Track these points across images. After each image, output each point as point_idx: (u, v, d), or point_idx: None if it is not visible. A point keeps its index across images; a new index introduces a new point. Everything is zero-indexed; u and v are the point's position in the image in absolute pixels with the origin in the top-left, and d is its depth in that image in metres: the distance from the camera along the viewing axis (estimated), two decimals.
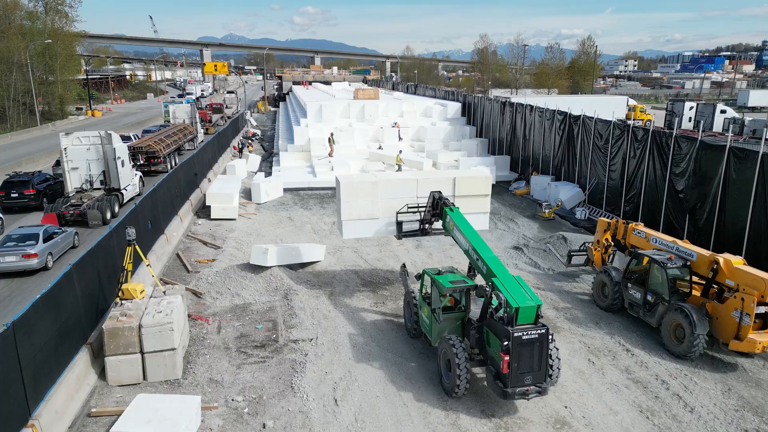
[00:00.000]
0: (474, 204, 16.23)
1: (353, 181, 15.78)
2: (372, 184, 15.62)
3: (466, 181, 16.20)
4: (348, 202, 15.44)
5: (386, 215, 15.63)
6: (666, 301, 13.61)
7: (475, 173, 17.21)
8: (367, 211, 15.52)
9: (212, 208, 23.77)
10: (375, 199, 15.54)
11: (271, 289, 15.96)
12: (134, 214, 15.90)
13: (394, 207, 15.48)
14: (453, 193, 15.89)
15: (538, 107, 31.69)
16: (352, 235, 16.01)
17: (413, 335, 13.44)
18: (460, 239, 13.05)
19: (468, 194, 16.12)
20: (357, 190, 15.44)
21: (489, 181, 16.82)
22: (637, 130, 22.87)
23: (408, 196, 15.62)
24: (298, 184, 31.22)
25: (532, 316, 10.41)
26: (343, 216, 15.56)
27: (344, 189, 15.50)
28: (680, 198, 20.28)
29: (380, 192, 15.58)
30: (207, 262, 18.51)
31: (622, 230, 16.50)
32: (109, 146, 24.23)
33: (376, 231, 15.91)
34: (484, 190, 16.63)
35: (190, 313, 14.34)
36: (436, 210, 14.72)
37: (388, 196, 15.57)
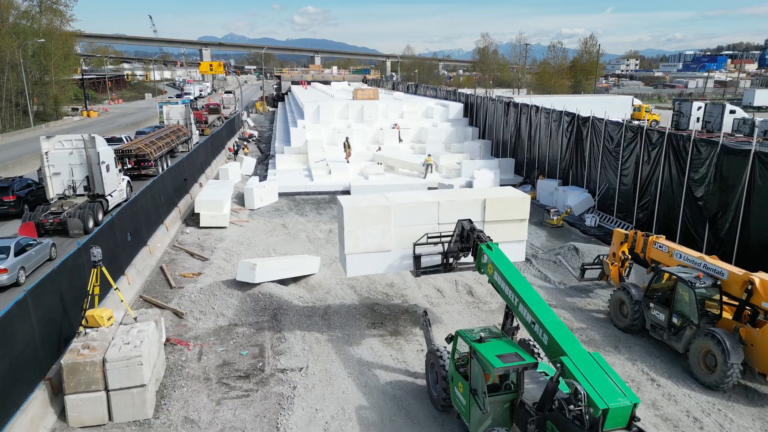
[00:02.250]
0: (508, 231, 13.53)
1: (359, 206, 12.72)
2: (383, 208, 12.67)
3: (498, 204, 13.41)
4: (353, 231, 12.58)
5: (400, 246, 12.91)
6: (694, 325, 12.30)
7: (509, 193, 14.09)
8: (376, 242, 12.74)
9: (201, 215, 22.46)
10: (387, 227, 12.70)
11: (259, 308, 14.64)
12: (110, 226, 14.59)
13: (410, 237, 12.78)
14: (482, 217, 13.25)
15: (544, 108, 30.37)
16: (358, 271, 13.24)
17: (441, 408, 10.54)
18: (505, 290, 10.06)
19: (501, 219, 13.41)
20: (364, 216, 12.57)
21: (526, 202, 13.82)
22: (651, 133, 21.55)
23: (427, 222, 12.97)
24: (294, 188, 29.91)
25: (624, 420, 7.58)
26: (346, 248, 12.74)
27: (348, 215, 12.53)
28: (699, 206, 18.96)
29: (393, 218, 12.75)
30: (192, 276, 17.20)
31: (641, 243, 15.17)
32: (93, 150, 22.91)
33: (388, 266, 13.12)
34: (520, 214, 13.76)
35: (169, 337, 13.03)
36: (466, 243, 12.00)
37: (403, 223, 12.85)
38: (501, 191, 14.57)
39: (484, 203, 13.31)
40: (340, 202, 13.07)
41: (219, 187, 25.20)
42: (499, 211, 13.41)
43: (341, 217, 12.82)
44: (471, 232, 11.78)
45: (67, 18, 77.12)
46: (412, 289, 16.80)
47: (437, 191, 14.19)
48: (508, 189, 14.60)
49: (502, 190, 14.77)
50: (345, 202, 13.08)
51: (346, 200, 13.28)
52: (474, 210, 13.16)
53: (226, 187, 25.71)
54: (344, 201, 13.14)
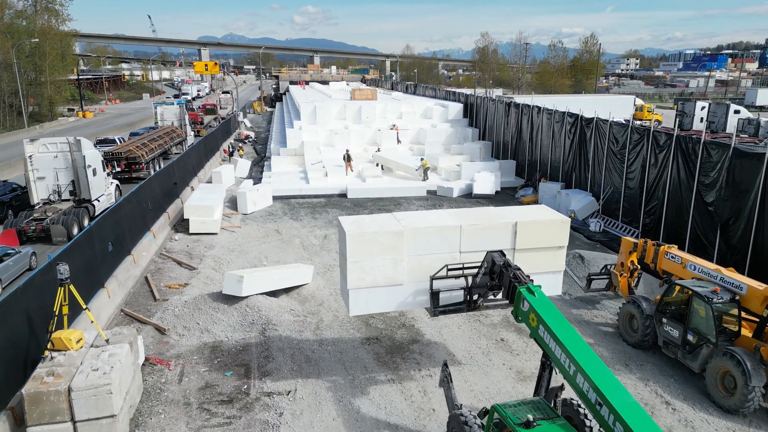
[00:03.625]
0: (542, 260, 11.51)
1: (365, 231, 10.53)
2: (394, 234, 10.56)
3: (532, 228, 11.32)
4: (357, 262, 10.49)
5: (415, 279, 10.91)
6: (712, 344, 11.46)
7: (544, 214, 11.93)
8: (386, 275, 10.69)
9: (191, 221, 21.60)
10: (399, 257, 10.68)
11: (247, 323, 13.79)
12: (88, 236, 13.73)
13: (426, 268, 10.81)
14: (512, 244, 11.25)
15: (546, 108, 29.53)
16: (363, 309, 11.08)
17: None
18: (554, 351, 7.81)
19: (535, 246, 11.36)
20: (371, 244, 10.48)
21: (566, 227, 11.69)
22: (659, 135, 20.70)
23: (447, 250, 10.97)
24: (289, 191, 29.08)
25: None
26: (349, 282, 10.57)
27: (352, 243, 10.41)
28: (710, 211, 18.12)
29: (407, 246, 10.69)
30: (178, 287, 16.35)
31: (651, 253, 14.32)
32: (78, 153, 22.07)
33: (400, 303, 11.10)
34: (558, 240, 11.62)
35: (149, 356, 12.18)
36: (497, 281, 9.89)
37: (419, 252, 10.81)
38: (534, 212, 12.15)
39: (515, 228, 11.17)
40: (342, 225, 10.85)
41: (210, 192, 24.34)
42: (533, 237, 11.30)
43: (343, 244, 10.65)
44: (505, 268, 9.54)
45: (62, 17, 76.34)
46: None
47: (458, 211, 12.07)
48: (542, 209, 12.41)
49: (535, 212, 12.29)
50: (348, 225, 10.75)
51: (349, 223, 10.91)
52: (503, 236, 11.15)
53: (217, 191, 24.85)
54: (347, 224, 10.83)
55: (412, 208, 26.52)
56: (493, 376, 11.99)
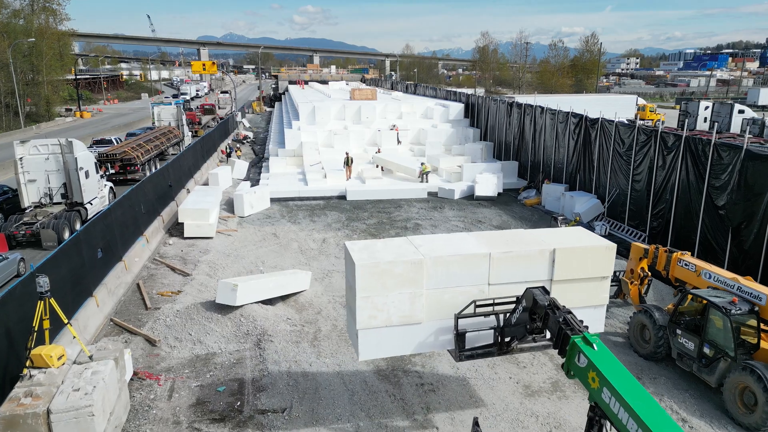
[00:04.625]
0: (584, 292, 10.04)
1: (378, 261, 8.93)
2: (412, 264, 9.01)
3: (573, 256, 9.77)
4: (368, 297, 8.95)
5: (436, 317, 9.37)
6: (730, 357, 10.88)
7: (586, 239, 10.44)
8: (402, 312, 9.14)
9: (185, 225, 21.01)
10: (417, 291, 9.12)
11: (241, 333, 13.21)
12: (75, 243, 13.15)
13: (449, 304, 9.31)
14: (550, 275, 9.76)
15: (549, 109, 28.96)
16: (375, 353, 9.53)
17: None
18: (623, 420, 6.56)
19: (575, 277, 9.89)
20: (385, 276, 8.90)
21: (611, 254, 10.19)
22: (666, 136, 20.13)
23: (474, 282, 9.43)
24: (287, 193, 28.49)
25: None
26: (359, 321, 9.04)
27: (363, 275, 8.85)
28: (720, 215, 17.54)
29: (427, 278, 9.13)
30: (171, 294, 15.76)
31: (663, 260, 13.74)
32: (70, 155, 21.48)
33: (418, 345, 9.53)
34: (602, 269, 10.11)
35: (138, 370, 11.60)
36: (540, 324, 8.49)
37: (440, 284, 9.25)
38: (574, 237, 10.55)
39: (553, 255, 9.68)
40: (349, 253, 9.17)
41: (206, 194, 23.74)
42: (573, 267, 9.82)
43: (351, 275, 9.08)
44: (551, 310, 8.08)
45: (60, 16, 75.75)
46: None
47: (486, 235, 10.64)
48: (581, 233, 10.88)
49: (575, 236, 10.64)
50: (357, 254, 9.09)
51: (358, 251, 9.24)
52: (539, 265, 9.69)
53: (213, 194, 24.25)
54: (356, 252, 9.17)
55: (412, 210, 25.96)
56: (499, 391, 11.42)
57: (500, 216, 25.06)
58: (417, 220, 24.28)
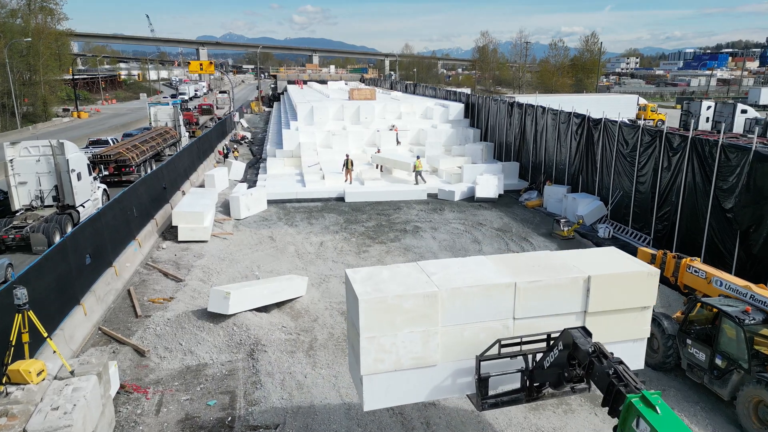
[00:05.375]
0: (621, 325, 8.77)
1: (385, 296, 7.61)
2: (425, 298, 7.72)
3: (610, 284, 8.46)
4: (374, 338, 7.64)
5: (453, 358, 8.10)
6: (743, 369, 10.41)
7: (624, 264, 9.03)
8: (413, 354, 7.87)
9: (179, 229, 20.53)
10: (431, 328, 7.84)
11: (234, 343, 12.73)
12: (61, 249, 12.66)
13: (469, 342, 8.06)
14: (583, 306, 8.46)
15: (551, 109, 28.49)
16: (383, 401, 8.16)
17: None
18: None
19: (613, 308, 8.61)
20: (393, 312, 7.62)
21: (653, 280, 8.79)
22: (672, 137, 19.66)
23: (497, 317, 8.17)
24: (285, 195, 28.00)
25: None
26: (363, 366, 7.74)
27: (367, 312, 7.55)
28: (728, 218, 17.07)
29: (442, 312, 7.85)
30: (162, 301, 15.28)
31: (671, 266, 13.28)
32: (62, 157, 21.02)
33: (433, 390, 8.21)
34: (643, 298, 8.76)
35: (125, 383, 11.12)
36: (583, 373, 7.34)
37: (458, 320, 7.98)
38: (610, 261, 9.13)
39: (588, 284, 8.35)
40: (351, 284, 7.91)
41: (201, 197, 23.25)
42: (611, 296, 8.54)
43: (354, 312, 7.82)
44: (598, 359, 6.95)
45: (57, 16, 75.26)
46: None
47: (507, 259, 9.32)
48: (617, 255, 9.48)
49: (610, 260, 9.22)
50: (360, 285, 7.82)
51: (360, 282, 7.95)
52: (571, 295, 8.40)
53: (208, 196, 23.77)
54: (358, 283, 7.91)
55: (412, 212, 25.49)
56: None
57: (501, 218, 24.60)
58: (416, 223, 23.82)
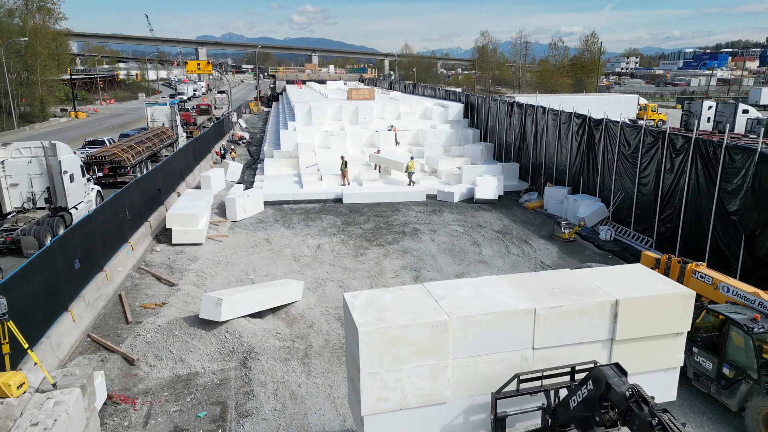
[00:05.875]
0: (652, 353, 7.88)
1: (388, 326, 6.75)
2: (434, 328, 6.87)
3: (640, 308, 7.60)
4: (376, 373, 6.82)
5: (465, 393, 7.26)
6: (752, 379, 10.05)
7: (656, 285, 8.03)
8: (420, 390, 7.03)
9: (173, 231, 20.16)
10: (441, 362, 7.01)
11: (226, 351, 12.36)
12: (48, 254, 12.29)
13: (482, 376, 7.22)
14: (610, 333, 7.58)
15: (551, 109, 28.13)
16: None
17: None
18: None
19: (644, 335, 7.73)
20: (398, 344, 6.77)
21: (689, 303, 7.89)
22: (675, 138, 19.30)
23: (514, 347, 7.32)
24: (282, 196, 27.64)
25: None
26: (365, 405, 6.93)
27: (368, 345, 6.71)
28: (733, 221, 16.72)
29: (453, 343, 7.01)
30: (154, 307, 14.91)
31: (676, 271, 12.92)
32: (54, 158, 20.65)
33: (442, 430, 7.33)
34: (677, 323, 7.89)
35: (112, 393, 10.76)
36: (615, 414, 6.52)
37: (471, 351, 7.12)
38: (637, 281, 8.14)
39: (616, 308, 7.45)
40: (350, 312, 7.06)
41: (196, 199, 22.87)
42: (641, 322, 7.62)
43: (353, 343, 6.94)
44: (637, 404, 6.19)
45: (55, 15, 74.87)
46: None
47: (523, 279, 8.31)
48: (644, 274, 8.48)
49: (637, 279, 8.24)
50: (360, 314, 6.96)
51: (360, 309, 7.07)
52: (597, 321, 7.47)
53: (203, 198, 23.38)
54: (358, 311, 7.04)
55: (410, 214, 25.13)
56: None
57: (501, 220, 24.24)
58: (415, 225, 23.46)
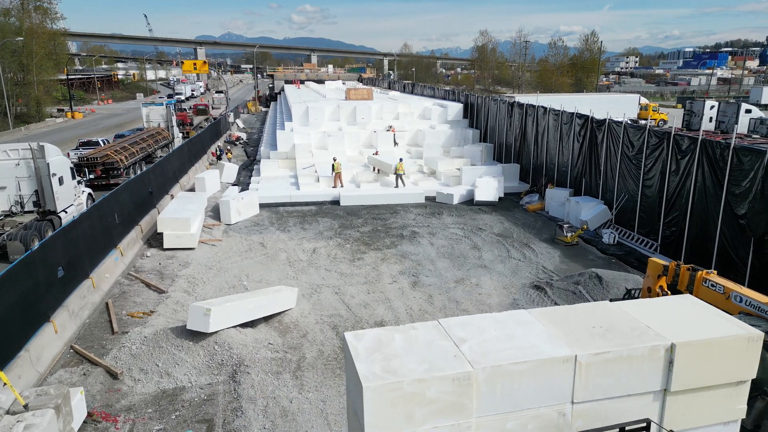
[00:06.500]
0: (712, 403, 6.29)
1: (399, 381, 4.91)
2: (455, 382, 5.14)
3: (701, 354, 5.83)
4: None
5: None
6: None
7: (715, 325, 6.13)
8: None
9: (165, 236, 19.60)
10: (463, 421, 5.30)
11: (215, 364, 11.81)
12: (27, 264, 11.72)
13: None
14: (665, 384, 5.90)
15: (552, 109, 27.59)
16: None
17: None
18: None
19: (704, 385, 6.07)
20: (411, 401, 5.02)
21: (755, 347, 5.97)
22: (680, 139, 18.77)
23: (550, 402, 5.75)
24: (278, 198, 27.09)
25: None
26: None
27: (375, 401, 4.90)
28: (741, 225, 16.19)
29: (478, 399, 5.30)
30: (142, 315, 14.36)
31: (685, 279, 12.36)
32: (42, 161, 20.09)
33: None
34: (741, 370, 6.08)
35: (93, 411, 10.21)
36: None
37: (499, 407, 5.45)
38: (693, 317, 6.60)
39: (671, 354, 5.91)
40: (350, 354, 5.38)
41: (188, 202, 22.31)
42: (700, 370, 6.12)
43: (356, 399, 5.36)
44: None
45: (51, 14, 74.32)
46: None
47: (558, 316, 6.53)
48: (700, 309, 6.82)
49: (693, 314, 6.66)
50: (364, 362, 5.27)
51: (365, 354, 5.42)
52: (649, 369, 5.97)
53: (197, 201, 22.82)
54: (362, 357, 5.38)
55: (409, 217, 24.59)
56: None
57: (501, 223, 23.71)
58: (414, 228, 22.92)
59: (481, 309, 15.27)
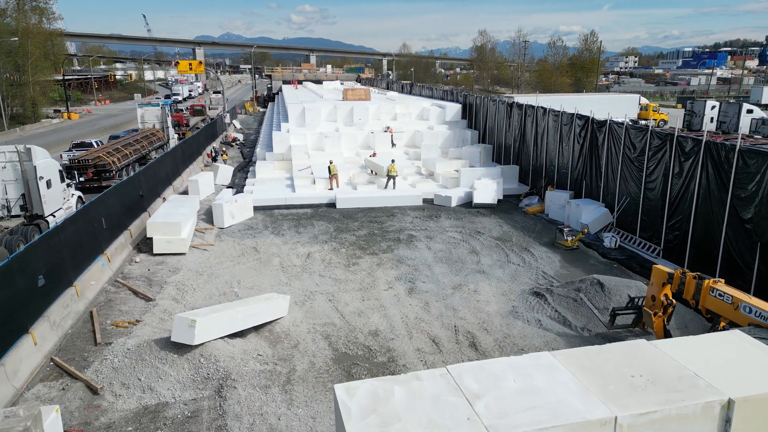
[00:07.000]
0: None
1: None
2: None
3: (760, 411, 5.18)
4: None
5: None
6: None
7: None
8: None
9: (154, 240, 19.09)
10: None
11: (200, 377, 11.30)
12: (5, 272, 11.19)
13: None
14: None
15: (552, 110, 27.09)
16: None
17: None
18: None
19: None
20: None
21: None
22: (684, 141, 18.26)
23: None
24: (273, 201, 26.57)
25: None
26: None
27: None
28: (747, 229, 15.69)
29: None
30: (127, 325, 13.84)
31: (691, 288, 11.88)
32: (29, 163, 19.60)
33: None
34: None
35: (69, 429, 9.70)
36: None
37: None
38: (746, 362, 5.86)
39: (728, 411, 5.12)
40: (341, 414, 4.93)
41: (180, 205, 21.78)
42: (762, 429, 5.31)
43: None
44: None
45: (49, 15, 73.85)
46: (401, 340, 13.53)
47: (589, 362, 5.78)
48: (754, 349, 6.18)
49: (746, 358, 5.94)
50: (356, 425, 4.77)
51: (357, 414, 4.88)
52: (701, 429, 5.14)
53: (188, 204, 22.29)
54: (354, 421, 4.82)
55: (406, 220, 24.08)
56: None
57: (500, 226, 23.20)
58: (411, 231, 22.42)
59: (479, 317, 14.77)
